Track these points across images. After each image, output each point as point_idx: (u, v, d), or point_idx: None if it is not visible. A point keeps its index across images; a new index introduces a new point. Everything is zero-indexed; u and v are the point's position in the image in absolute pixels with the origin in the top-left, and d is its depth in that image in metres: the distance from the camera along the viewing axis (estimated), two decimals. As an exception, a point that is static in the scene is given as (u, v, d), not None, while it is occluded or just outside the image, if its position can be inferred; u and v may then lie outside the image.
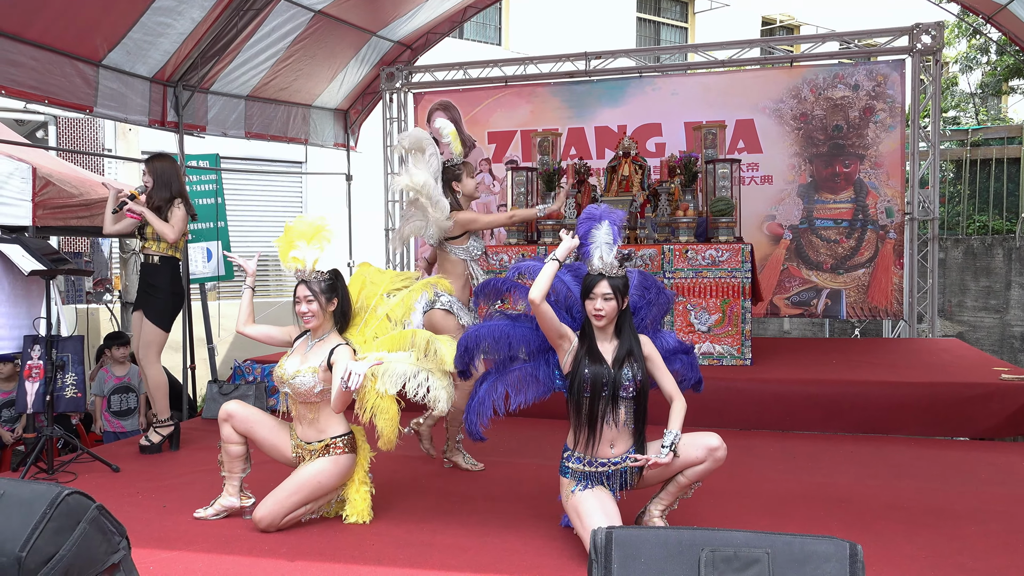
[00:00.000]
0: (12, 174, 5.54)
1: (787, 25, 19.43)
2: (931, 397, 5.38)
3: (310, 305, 3.62)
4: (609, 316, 3.26)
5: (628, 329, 3.33)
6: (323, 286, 3.64)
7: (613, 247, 3.32)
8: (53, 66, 6.05)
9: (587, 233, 3.37)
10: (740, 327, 6.23)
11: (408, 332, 3.71)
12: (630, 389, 3.25)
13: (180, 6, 6.48)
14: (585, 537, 3.13)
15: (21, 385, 4.75)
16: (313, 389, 3.57)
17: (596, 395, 3.22)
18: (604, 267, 3.27)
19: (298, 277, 3.65)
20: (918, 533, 3.50)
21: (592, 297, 3.26)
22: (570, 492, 3.32)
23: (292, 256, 3.66)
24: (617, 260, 3.29)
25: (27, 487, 2.16)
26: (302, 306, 3.62)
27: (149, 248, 4.98)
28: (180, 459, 4.87)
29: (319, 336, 3.69)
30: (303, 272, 3.64)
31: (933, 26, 8.19)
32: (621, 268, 3.31)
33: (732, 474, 4.44)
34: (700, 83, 9.04)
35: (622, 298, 3.28)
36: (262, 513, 3.54)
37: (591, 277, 3.28)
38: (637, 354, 3.30)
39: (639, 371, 3.27)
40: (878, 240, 8.33)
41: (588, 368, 3.24)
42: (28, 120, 11.01)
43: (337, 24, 8.15)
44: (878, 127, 8.29)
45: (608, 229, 3.33)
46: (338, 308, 3.70)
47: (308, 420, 3.64)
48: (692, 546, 1.87)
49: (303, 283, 3.63)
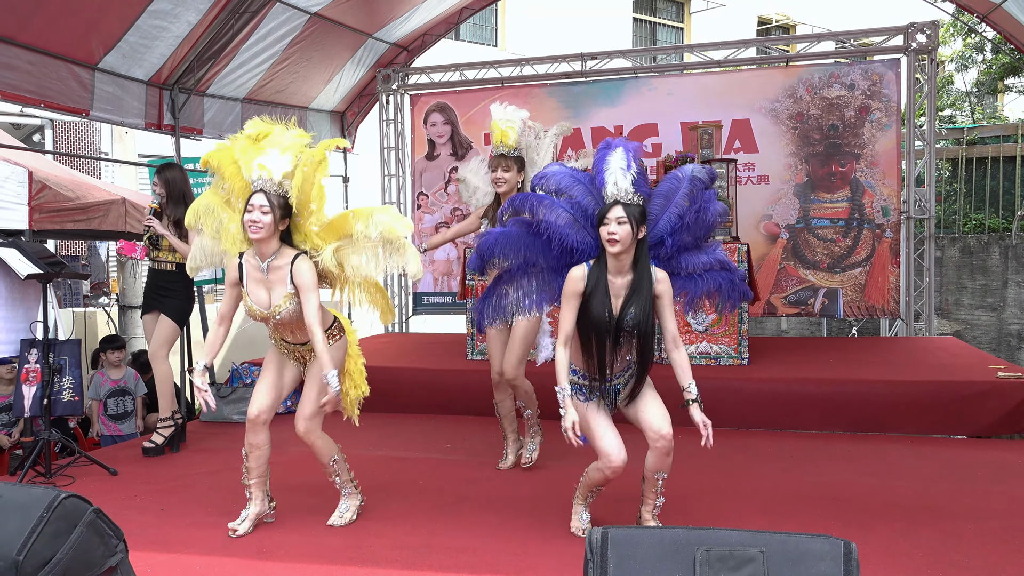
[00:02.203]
0: (8, 178, 5.53)
1: (783, 25, 19.46)
2: (928, 395, 5.39)
3: (264, 216, 3.35)
4: (624, 242, 3.20)
5: (643, 263, 3.28)
6: (280, 201, 3.40)
7: (628, 173, 3.27)
8: (49, 69, 6.05)
9: (602, 160, 3.34)
10: (737, 327, 6.24)
11: (345, 213, 3.55)
12: (632, 331, 3.28)
13: (176, 9, 6.49)
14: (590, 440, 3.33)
15: (18, 389, 4.75)
16: (296, 311, 3.48)
17: (601, 337, 3.26)
18: (619, 193, 3.24)
19: (257, 186, 3.39)
20: (914, 531, 3.51)
21: (606, 222, 3.21)
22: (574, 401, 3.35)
23: (259, 163, 3.40)
24: (632, 185, 3.25)
25: (24, 491, 2.16)
26: (254, 214, 3.35)
27: (164, 257, 5.11)
28: (178, 462, 4.87)
29: (269, 255, 3.46)
30: (265, 182, 3.39)
31: (928, 25, 8.21)
32: (637, 195, 3.27)
33: (728, 473, 4.45)
34: (696, 83, 9.05)
35: (638, 226, 3.22)
36: (305, 426, 3.65)
37: (606, 204, 3.26)
38: (647, 293, 3.28)
39: (642, 313, 3.25)
40: (874, 239, 8.34)
41: (594, 307, 3.24)
42: (24, 124, 11.01)
43: (333, 26, 8.16)
44: (874, 126, 8.31)
45: (623, 155, 3.30)
46: (287, 226, 3.49)
47: (294, 328, 3.58)
48: (687, 545, 1.88)
49: (262, 192, 3.37)
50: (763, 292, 8.46)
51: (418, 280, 4.08)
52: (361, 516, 3.78)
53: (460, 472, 4.57)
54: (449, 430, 5.56)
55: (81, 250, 11.11)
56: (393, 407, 6.21)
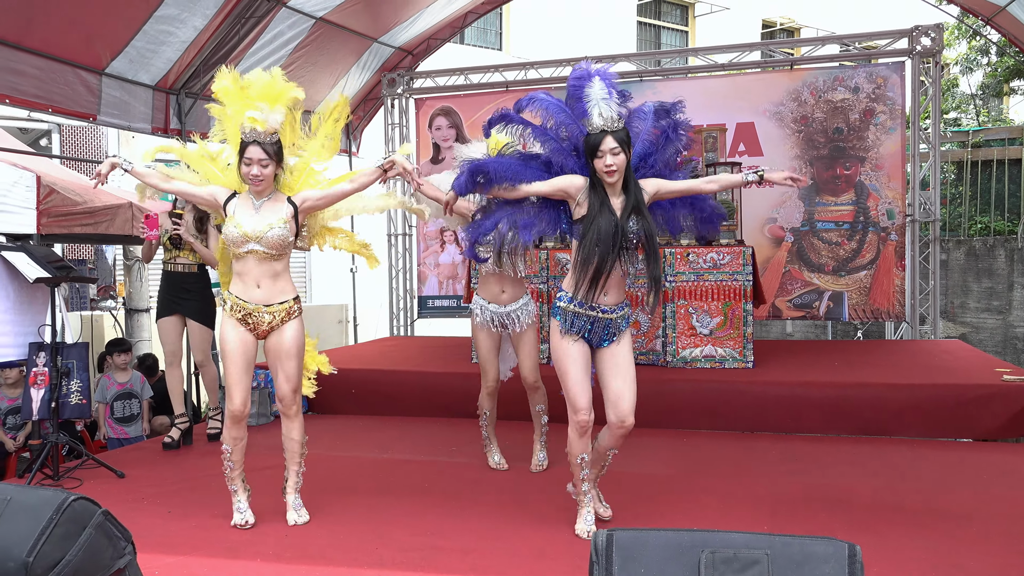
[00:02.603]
0: (16, 182, 5.57)
1: (787, 28, 19.46)
2: (933, 399, 5.38)
3: (264, 169, 3.53)
4: (621, 170, 3.30)
5: (632, 182, 3.39)
6: (275, 148, 3.57)
7: (611, 102, 3.33)
8: (56, 75, 6.09)
9: (580, 91, 3.38)
10: (742, 330, 6.24)
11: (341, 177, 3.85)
12: (633, 241, 3.34)
13: (182, 14, 6.53)
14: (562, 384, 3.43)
15: (26, 392, 4.78)
16: (286, 240, 3.59)
17: (606, 249, 3.29)
18: (606, 123, 3.30)
19: (251, 137, 3.52)
20: (919, 534, 3.51)
21: (600, 155, 3.28)
22: (557, 334, 3.42)
23: (249, 116, 3.51)
24: (616, 113, 3.32)
25: (33, 493, 2.18)
26: (254, 168, 3.51)
27: (186, 259, 5.23)
28: (184, 465, 4.89)
29: (264, 196, 3.62)
30: (259, 133, 3.52)
31: (932, 28, 8.21)
32: (621, 120, 3.34)
33: (733, 476, 4.45)
34: (701, 86, 9.06)
35: (628, 150, 3.32)
36: (287, 398, 3.69)
37: (595, 135, 3.30)
38: (643, 207, 3.37)
39: (644, 224, 3.35)
40: (879, 242, 8.34)
41: (600, 222, 3.29)
42: (31, 128, 11.06)
43: (338, 31, 8.19)
44: (878, 129, 8.31)
45: (602, 84, 3.35)
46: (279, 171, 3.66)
47: (271, 276, 3.61)
48: (692, 547, 1.89)
49: (257, 144, 3.51)
50: (768, 295, 8.45)
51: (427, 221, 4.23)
52: (372, 517, 3.79)
53: (465, 475, 4.58)
54: (454, 433, 5.57)
55: (88, 254, 11.16)
56: (398, 410, 6.23)
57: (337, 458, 5.01)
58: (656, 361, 6.39)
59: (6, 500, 2.13)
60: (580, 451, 3.49)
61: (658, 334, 6.40)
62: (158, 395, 6.44)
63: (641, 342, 6.41)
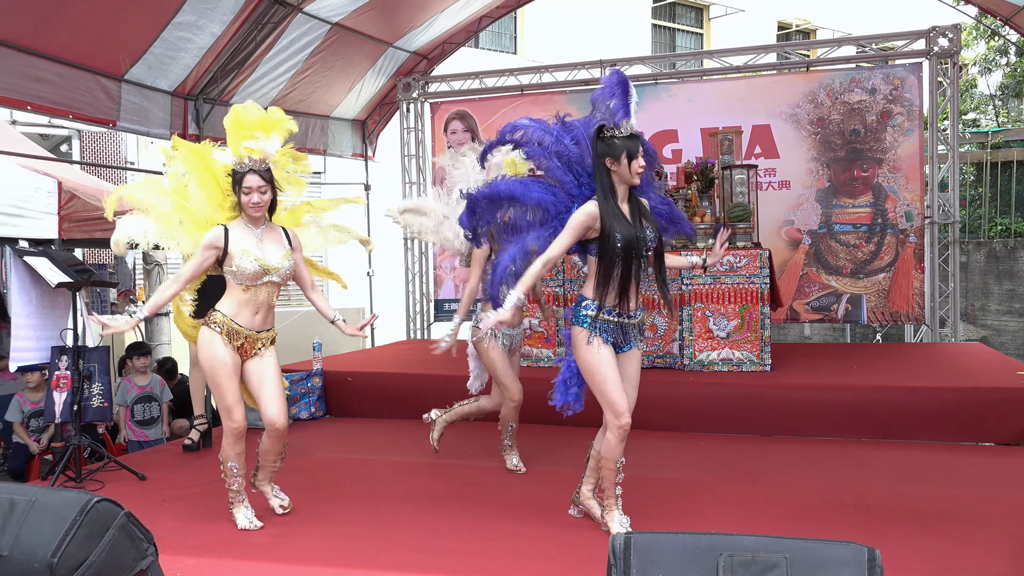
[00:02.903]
0: (38, 188, 5.63)
1: (803, 30, 19.37)
2: (954, 402, 5.34)
3: (263, 195, 3.68)
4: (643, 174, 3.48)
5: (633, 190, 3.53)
6: (269, 176, 3.72)
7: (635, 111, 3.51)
8: (77, 81, 6.16)
9: (626, 96, 3.50)
10: (759, 333, 6.22)
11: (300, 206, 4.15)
12: (650, 248, 3.47)
13: (200, 21, 6.59)
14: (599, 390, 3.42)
15: (49, 395, 4.83)
16: (290, 271, 3.79)
17: (629, 257, 3.38)
18: (636, 128, 3.47)
19: (247, 167, 3.66)
20: (938, 538, 3.48)
21: (636, 157, 3.42)
22: (585, 343, 3.43)
23: (246, 147, 3.66)
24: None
25: (58, 495, 2.21)
26: (254, 196, 3.65)
27: None
28: (204, 467, 4.93)
29: (261, 224, 3.76)
30: (256, 162, 3.67)
31: (950, 29, 8.15)
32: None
33: (751, 480, 4.44)
34: (716, 89, 9.04)
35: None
36: (281, 421, 3.73)
37: (633, 138, 3.43)
38: (647, 212, 3.52)
39: (655, 230, 3.48)
40: (898, 244, 8.28)
41: (620, 232, 3.37)
42: (52, 134, 11.18)
43: (354, 36, 8.24)
44: (896, 131, 8.25)
45: (634, 92, 3.52)
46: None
47: (268, 306, 3.78)
48: (711, 551, 1.89)
49: (255, 173, 3.66)
50: (785, 298, 8.41)
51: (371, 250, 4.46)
52: (382, 520, 3.81)
53: (474, 477, 4.60)
54: (465, 437, 5.57)
55: (108, 258, 11.26)
56: (414, 413, 6.23)
57: (351, 461, 5.04)
58: (673, 364, 6.37)
59: (31, 501, 2.16)
60: (619, 455, 3.51)
61: (675, 337, 6.39)
62: (177, 398, 6.49)
63: (658, 345, 6.40)
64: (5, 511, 2.14)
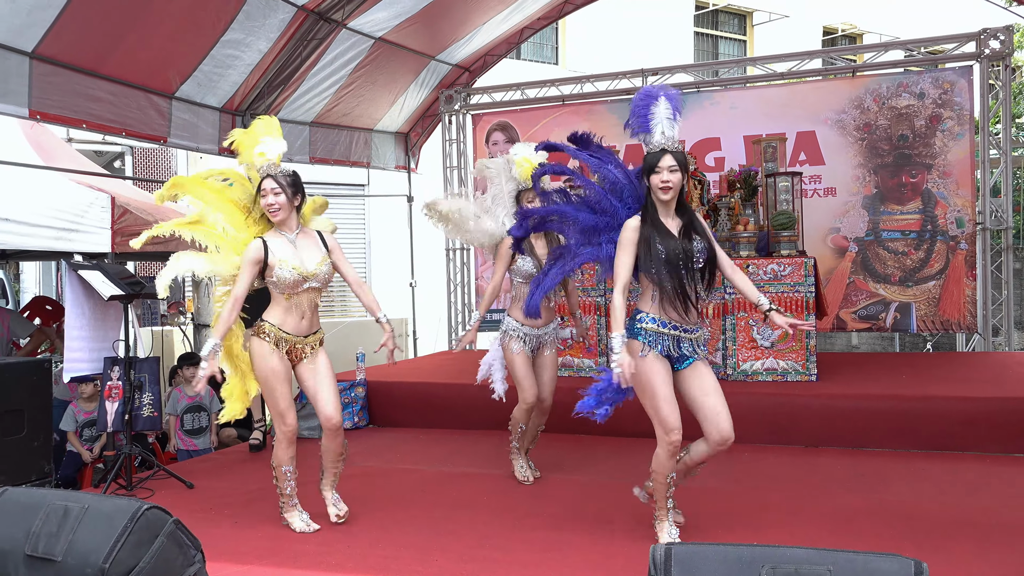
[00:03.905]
0: (92, 203, 5.81)
1: (849, 34, 19.08)
2: (1007, 412, 5.19)
3: (277, 197, 3.74)
4: (676, 188, 3.40)
5: (686, 204, 3.51)
6: (288, 180, 3.78)
7: (674, 123, 3.44)
8: (129, 99, 6.34)
9: (646, 109, 3.46)
10: (804, 342, 6.12)
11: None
12: (700, 260, 3.43)
13: (247, 38, 6.74)
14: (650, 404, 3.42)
15: (101, 405, 4.96)
16: (329, 276, 3.86)
17: (675, 269, 3.37)
18: (666, 141, 3.41)
19: (263, 172, 3.78)
20: (990, 552, 3.39)
21: (658, 171, 3.39)
22: (639, 355, 3.42)
23: (258, 152, 3.80)
24: (677, 134, 3.44)
25: (109, 502, 2.27)
26: (269, 198, 3.74)
27: None
28: (250, 476, 5.01)
29: (293, 229, 3.84)
30: (269, 167, 3.78)
31: (1002, 30, 7.97)
32: (679, 143, 3.46)
33: (796, 491, 4.37)
34: (759, 96, 8.96)
35: (684, 172, 3.42)
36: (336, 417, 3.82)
37: (654, 153, 3.41)
38: (699, 226, 3.48)
39: (706, 242, 3.46)
40: (948, 251, 8.10)
41: (660, 243, 3.37)
42: (105, 151, 11.51)
43: (397, 50, 8.34)
44: (946, 135, 8.08)
45: (667, 104, 3.44)
46: (301, 203, 3.88)
47: (312, 309, 3.86)
48: (753, 563, 1.86)
49: (270, 177, 3.76)
50: (832, 307, 8.27)
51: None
52: (432, 529, 3.83)
53: (523, 488, 4.59)
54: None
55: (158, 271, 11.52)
56: (457, 423, 6.28)
57: (397, 471, 5.08)
58: (716, 374, 6.29)
59: (84, 508, 2.22)
60: (670, 470, 3.49)
61: (718, 347, 6.33)
62: (225, 408, 6.60)
63: (701, 355, 6.34)
64: (59, 518, 2.21)
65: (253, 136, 3.87)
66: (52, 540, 2.18)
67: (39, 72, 5.52)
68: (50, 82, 5.62)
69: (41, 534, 2.19)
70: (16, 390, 4.67)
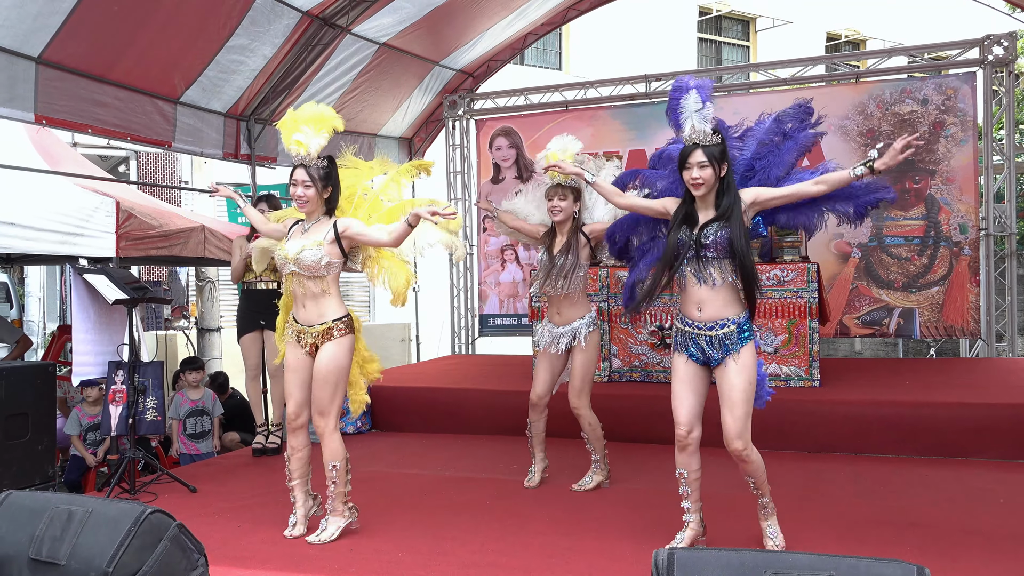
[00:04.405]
0: (97, 208, 5.82)
1: (853, 40, 19.09)
2: (1012, 419, 5.18)
3: (307, 190, 3.70)
4: (708, 184, 3.32)
5: (728, 195, 3.37)
6: (320, 173, 3.72)
7: (703, 114, 3.35)
8: (135, 104, 6.37)
9: (676, 103, 3.41)
10: (808, 348, 6.12)
11: (402, 203, 3.94)
12: (710, 249, 3.30)
13: (252, 44, 6.76)
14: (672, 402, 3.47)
15: (105, 409, 4.97)
16: (320, 261, 3.69)
17: (668, 260, 3.38)
18: (696, 136, 3.33)
19: (297, 161, 3.72)
20: (996, 559, 3.38)
21: (688, 167, 3.32)
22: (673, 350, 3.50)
23: (295, 139, 3.69)
24: (710, 127, 3.35)
25: (113, 505, 2.28)
26: (299, 189, 3.70)
27: (267, 277, 5.59)
28: (254, 481, 5.02)
29: (313, 220, 3.79)
30: (304, 157, 3.70)
31: (1005, 37, 7.98)
32: (716, 134, 3.35)
33: (799, 497, 4.36)
34: (763, 102, 8.94)
35: (719, 165, 3.32)
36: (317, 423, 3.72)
37: (685, 148, 3.35)
38: (731, 215, 3.32)
39: (721, 231, 3.30)
40: (952, 257, 8.09)
41: (673, 233, 3.40)
42: (110, 156, 11.55)
43: (401, 55, 8.37)
44: (949, 142, 8.08)
45: (697, 97, 3.35)
46: (331, 195, 3.81)
47: (312, 297, 3.74)
48: (755, 568, 1.87)
49: (303, 167, 3.70)
50: (835, 312, 8.27)
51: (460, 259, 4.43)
52: (435, 534, 3.83)
53: (526, 492, 4.59)
54: (515, 451, 5.58)
55: (163, 275, 11.55)
56: (459, 428, 6.28)
57: (399, 475, 5.08)
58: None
59: (88, 512, 2.23)
60: (678, 465, 3.51)
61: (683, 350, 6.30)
62: (228, 412, 6.62)
63: (704, 360, 6.34)
64: (63, 521, 2.22)
65: (296, 120, 3.73)
66: (56, 544, 2.19)
67: (45, 77, 5.55)
68: (56, 87, 5.65)
69: (45, 538, 2.20)
70: (21, 394, 4.68)
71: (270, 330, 5.56)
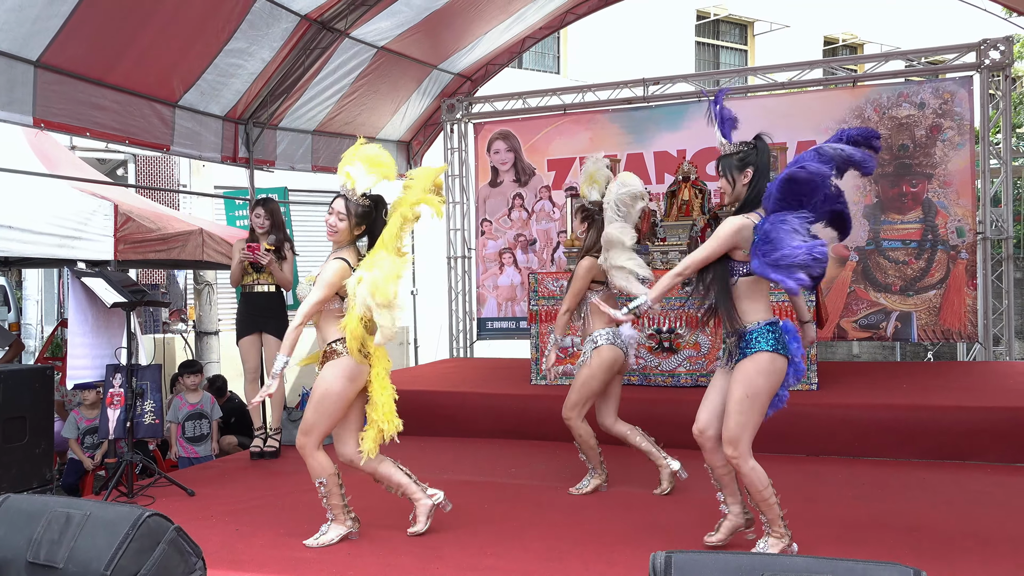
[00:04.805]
0: (95, 211, 5.83)
1: (850, 44, 19.14)
2: (1009, 422, 5.19)
3: (340, 222, 3.68)
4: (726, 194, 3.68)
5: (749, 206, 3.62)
6: (359, 210, 3.69)
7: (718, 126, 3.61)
8: (133, 108, 6.37)
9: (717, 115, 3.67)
10: (805, 351, 6.11)
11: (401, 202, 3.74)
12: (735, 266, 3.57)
13: (251, 47, 6.76)
14: None
15: (103, 412, 4.97)
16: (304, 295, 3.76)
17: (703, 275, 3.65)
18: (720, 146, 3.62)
19: (340, 191, 3.70)
20: (994, 562, 3.39)
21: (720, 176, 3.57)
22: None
23: (347, 171, 3.68)
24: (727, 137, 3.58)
25: (111, 509, 2.28)
26: (332, 218, 3.68)
27: (265, 280, 5.67)
28: (252, 484, 5.01)
29: (335, 250, 3.76)
30: (348, 190, 3.67)
31: (1002, 41, 8.00)
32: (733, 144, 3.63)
33: (797, 500, 4.36)
34: (760, 106, 8.98)
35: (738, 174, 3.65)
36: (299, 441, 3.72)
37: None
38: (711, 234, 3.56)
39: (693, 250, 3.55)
40: (949, 261, 8.11)
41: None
42: (108, 159, 11.54)
43: (399, 59, 8.38)
44: (946, 145, 8.10)
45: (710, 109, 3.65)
46: (364, 233, 3.75)
47: (317, 326, 3.79)
48: (753, 571, 1.87)
49: (344, 198, 3.68)
50: (833, 316, 8.28)
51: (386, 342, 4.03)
52: (428, 537, 3.83)
53: (525, 496, 4.60)
54: (513, 454, 5.59)
55: (161, 278, 11.55)
56: (458, 431, 6.28)
57: (398, 479, 5.07)
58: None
59: (86, 515, 2.23)
60: (708, 462, 3.65)
61: (719, 355, 6.32)
62: (227, 416, 6.62)
63: (701, 364, 6.35)
64: (61, 525, 2.22)
65: (355, 154, 3.71)
66: (54, 547, 2.19)
67: (44, 81, 5.55)
68: (54, 91, 5.65)
69: (43, 541, 2.20)
70: (19, 397, 4.67)
71: (268, 333, 5.61)
